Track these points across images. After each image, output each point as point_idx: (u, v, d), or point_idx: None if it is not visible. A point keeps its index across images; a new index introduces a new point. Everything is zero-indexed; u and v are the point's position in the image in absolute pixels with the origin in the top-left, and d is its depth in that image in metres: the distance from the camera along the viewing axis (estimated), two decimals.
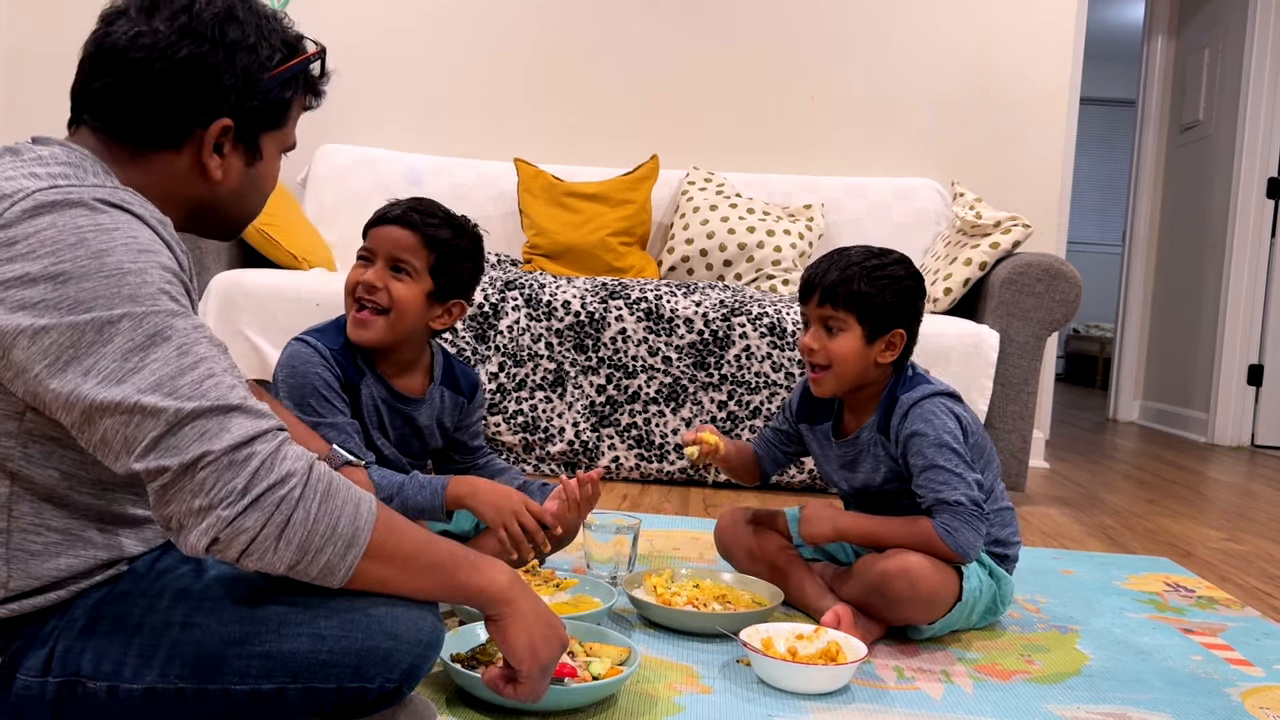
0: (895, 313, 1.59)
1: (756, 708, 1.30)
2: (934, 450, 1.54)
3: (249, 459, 0.88)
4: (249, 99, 1.02)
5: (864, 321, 1.58)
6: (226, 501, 0.87)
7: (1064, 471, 3.58)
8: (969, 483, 1.54)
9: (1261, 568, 2.30)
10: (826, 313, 1.59)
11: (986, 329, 2.84)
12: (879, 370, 1.63)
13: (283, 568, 0.91)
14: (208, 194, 1.05)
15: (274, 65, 1.03)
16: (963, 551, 1.53)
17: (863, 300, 1.57)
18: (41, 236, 0.87)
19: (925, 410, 1.57)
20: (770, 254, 3.24)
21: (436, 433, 1.80)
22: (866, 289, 1.57)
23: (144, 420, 0.86)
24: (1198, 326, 4.91)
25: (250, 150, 1.06)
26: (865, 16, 3.69)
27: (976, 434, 1.63)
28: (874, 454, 1.65)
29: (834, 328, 1.59)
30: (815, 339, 1.60)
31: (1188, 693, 1.45)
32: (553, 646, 1.08)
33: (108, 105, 0.99)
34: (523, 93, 3.73)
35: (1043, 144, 3.66)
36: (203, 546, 0.88)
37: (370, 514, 0.95)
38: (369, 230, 1.66)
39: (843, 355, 1.59)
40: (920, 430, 1.56)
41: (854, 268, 1.58)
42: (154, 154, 1.01)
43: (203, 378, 0.89)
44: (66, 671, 0.96)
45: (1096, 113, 8.51)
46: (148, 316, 0.88)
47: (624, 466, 2.83)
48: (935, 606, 1.53)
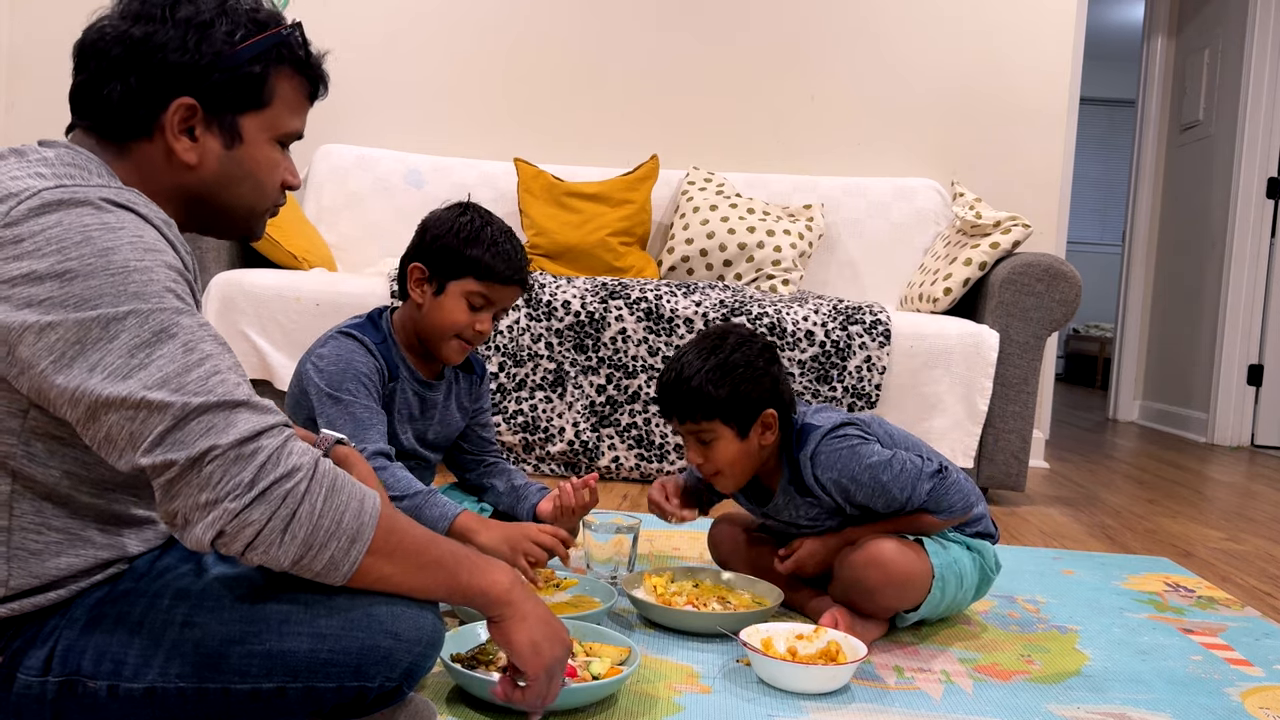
0: (755, 400, 1.56)
1: (756, 708, 1.30)
2: (866, 475, 1.54)
3: (256, 453, 0.88)
4: (208, 75, 1.00)
5: (730, 422, 1.56)
6: (233, 494, 0.87)
7: (1064, 471, 3.58)
8: (912, 468, 1.54)
9: (1261, 568, 2.30)
10: (692, 428, 1.58)
11: (986, 329, 2.84)
12: (768, 449, 1.61)
13: (287, 562, 0.91)
14: (194, 182, 1.03)
15: (236, 40, 1.01)
16: (965, 508, 1.57)
17: (719, 406, 1.55)
18: (48, 234, 0.88)
19: (824, 454, 1.56)
20: (770, 254, 3.24)
21: (456, 414, 1.88)
22: (717, 393, 1.54)
23: (150, 415, 0.87)
24: (1198, 326, 4.91)
25: (226, 132, 1.03)
26: (865, 16, 3.69)
27: (876, 425, 1.64)
28: (802, 513, 1.65)
29: (707, 440, 1.58)
30: (697, 453, 1.60)
31: (1188, 693, 1.45)
32: (556, 646, 1.08)
33: (85, 101, 1.00)
34: (523, 93, 3.73)
35: (1043, 144, 3.66)
36: (208, 540, 0.88)
37: (374, 510, 0.95)
38: (493, 281, 1.68)
39: (729, 459, 1.58)
40: (839, 472, 1.55)
41: (697, 377, 1.55)
42: (133, 146, 1.01)
43: (209, 374, 0.89)
44: (67, 670, 0.96)
45: (1096, 113, 8.51)
46: (154, 314, 0.89)
47: (624, 466, 2.83)
48: (910, 589, 1.54)
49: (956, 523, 1.61)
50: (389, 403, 1.75)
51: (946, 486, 1.55)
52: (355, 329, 1.74)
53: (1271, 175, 4.58)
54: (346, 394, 1.66)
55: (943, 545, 1.60)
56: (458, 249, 1.68)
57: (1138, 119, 5.49)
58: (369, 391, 1.68)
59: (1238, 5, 4.67)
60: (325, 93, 1.11)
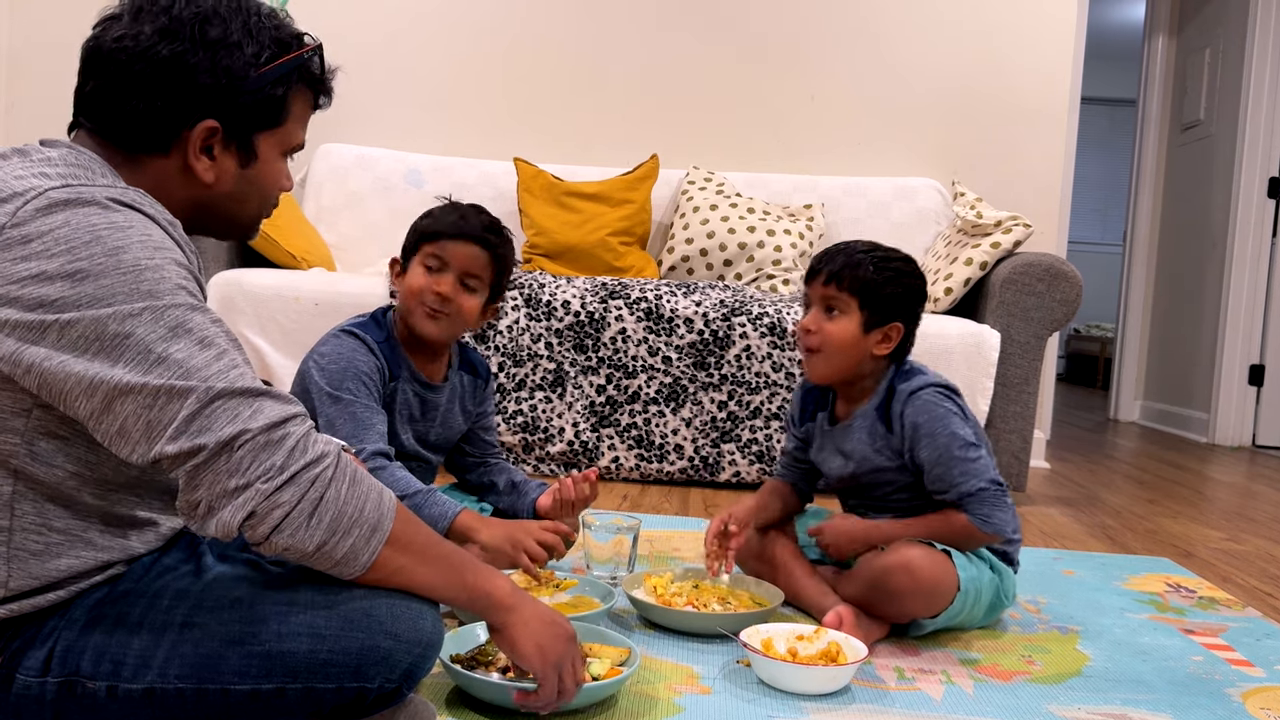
0: (896, 305, 1.62)
1: (756, 708, 1.30)
2: (944, 438, 1.57)
3: (285, 439, 0.90)
4: (235, 98, 1.00)
5: (865, 307, 1.60)
6: (265, 476, 0.88)
7: (1065, 471, 3.57)
8: (983, 464, 1.57)
9: (1262, 568, 2.29)
10: (830, 293, 1.62)
11: (987, 329, 2.84)
12: (874, 363, 1.65)
13: (311, 546, 0.91)
14: (204, 196, 1.04)
15: (262, 63, 1.01)
16: (999, 531, 1.57)
17: (866, 286, 1.60)
18: (56, 234, 0.87)
19: (925, 400, 1.60)
20: (770, 254, 3.24)
21: (459, 416, 1.87)
22: (872, 275, 1.60)
23: (170, 401, 0.87)
24: (1199, 326, 4.90)
25: (244, 151, 1.04)
26: (865, 16, 3.69)
27: (975, 425, 1.64)
28: (867, 437, 1.66)
29: (834, 309, 1.62)
30: (814, 320, 1.63)
31: (1188, 693, 1.45)
32: (560, 643, 1.10)
33: (97, 108, 1.00)
34: (523, 93, 3.73)
35: (1043, 144, 3.66)
36: (237, 522, 0.88)
37: (391, 503, 0.97)
38: (440, 239, 1.70)
39: (838, 338, 1.61)
40: (924, 421, 1.58)
41: (862, 255, 1.61)
42: (145, 158, 1.01)
43: (229, 366, 0.90)
44: (66, 671, 0.96)
45: (1097, 113, 8.51)
46: (168, 310, 0.89)
47: (624, 466, 2.83)
48: (936, 598, 1.54)
49: (985, 542, 1.60)
50: (389, 402, 1.74)
51: (998, 500, 1.57)
52: (358, 327, 1.74)
53: (1272, 175, 4.57)
54: (347, 393, 1.65)
55: (970, 560, 1.60)
56: (413, 226, 1.74)
57: (1138, 119, 5.49)
58: (369, 391, 1.68)
59: (1238, 5, 4.67)
60: (329, 104, 1.13)
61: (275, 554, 0.92)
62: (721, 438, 2.79)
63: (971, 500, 1.56)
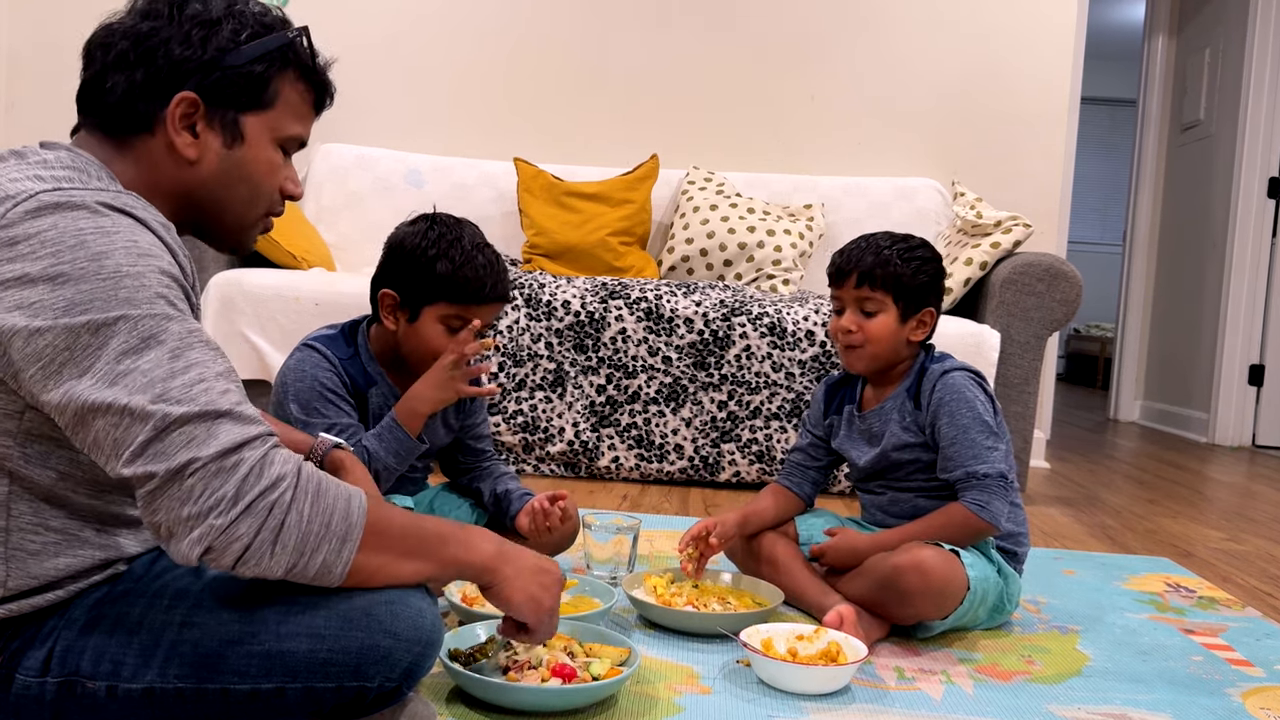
0: (927, 292, 1.68)
1: (756, 708, 1.30)
2: (967, 418, 1.61)
3: (237, 465, 0.87)
4: (211, 71, 1.00)
5: (899, 301, 1.66)
6: (217, 510, 0.86)
7: (1064, 471, 3.57)
8: (998, 454, 1.60)
9: (1262, 568, 2.29)
10: (864, 294, 1.66)
11: (987, 329, 2.84)
12: (909, 349, 1.71)
13: (280, 571, 0.91)
14: (193, 180, 1.03)
15: (242, 40, 1.02)
16: (994, 520, 1.58)
17: (899, 281, 1.65)
18: (43, 237, 0.88)
19: (956, 381, 1.64)
20: (770, 254, 3.24)
21: (440, 430, 1.80)
22: (902, 270, 1.65)
23: (132, 424, 0.86)
24: (1198, 326, 4.90)
25: (228, 130, 1.03)
26: (865, 16, 3.69)
27: (1000, 420, 1.67)
28: (897, 419, 1.69)
29: (871, 309, 1.66)
30: (853, 321, 1.67)
31: (1188, 693, 1.45)
32: (551, 591, 1.12)
33: (88, 96, 1.01)
34: (523, 93, 3.73)
35: (1043, 144, 3.66)
36: (195, 556, 0.87)
37: (361, 508, 0.95)
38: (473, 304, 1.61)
39: (879, 335, 1.67)
40: (950, 399, 1.62)
41: (887, 250, 1.66)
42: (134, 140, 1.01)
43: (193, 382, 0.89)
44: (65, 671, 0.96)
45: (1097, 113, 8.51)
46: (143, 319, 0.88)
47: (624, 466, 2.83)
48: (946, 599, 1.54)
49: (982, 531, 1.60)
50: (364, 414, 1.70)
51: (999, 491, 1.59)
52: (321, 341, 1.67)
53: (1272, 175, 4.57)
54: (317, 415, 1.61)
55: (978, 558, 1.60)
56: (426, 270, 1.58)
57: (1138, 119, 5.49)
58: (337, 406, 1.64)
59: (1238, 5, 4.67)
60: (331, 103, 1.12)
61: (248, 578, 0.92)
62: (721, 438, 2.79)
63: (975, 482, 1.58)
